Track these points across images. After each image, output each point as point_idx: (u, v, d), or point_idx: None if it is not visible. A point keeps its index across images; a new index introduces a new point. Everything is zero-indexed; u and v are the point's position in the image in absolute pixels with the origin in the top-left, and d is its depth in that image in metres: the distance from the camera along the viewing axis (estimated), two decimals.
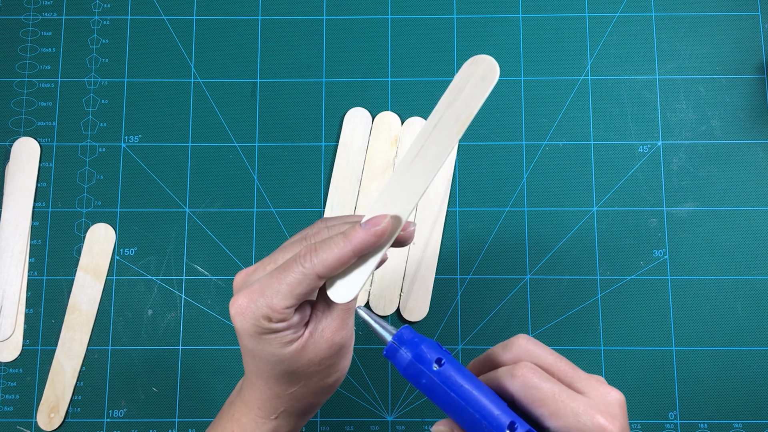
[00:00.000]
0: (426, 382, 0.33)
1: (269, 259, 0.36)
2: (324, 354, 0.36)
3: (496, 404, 0.32)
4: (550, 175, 0.58)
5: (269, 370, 0.36)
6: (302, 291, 0.34)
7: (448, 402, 0.33)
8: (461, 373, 0.33)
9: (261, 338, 0.35)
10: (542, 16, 0.60)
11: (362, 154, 0.57)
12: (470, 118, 0.34)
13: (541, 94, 0.59)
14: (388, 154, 0.57)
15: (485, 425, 0.32)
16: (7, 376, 0.55)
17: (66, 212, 0.57)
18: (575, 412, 0.32)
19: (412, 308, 0.55)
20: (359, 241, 0.34)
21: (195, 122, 0.59)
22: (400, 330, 0.35)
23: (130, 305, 0.56)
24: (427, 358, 0.33)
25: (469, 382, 0.33)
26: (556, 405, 0.33)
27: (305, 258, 0.34)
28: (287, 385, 0.37)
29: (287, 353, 0.35)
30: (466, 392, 0.33)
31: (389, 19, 0.60)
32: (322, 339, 0.36)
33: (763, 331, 0.55)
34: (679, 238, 0.56)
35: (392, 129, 0.58)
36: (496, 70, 0.34)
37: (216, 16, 0.61)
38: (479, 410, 0.32)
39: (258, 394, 0.38)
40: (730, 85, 0.59)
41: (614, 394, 0.34)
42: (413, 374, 0.34)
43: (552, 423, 0.33)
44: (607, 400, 0.33)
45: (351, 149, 0.57)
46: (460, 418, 0.33)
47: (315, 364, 0.36)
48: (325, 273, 0.34)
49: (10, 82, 0.59)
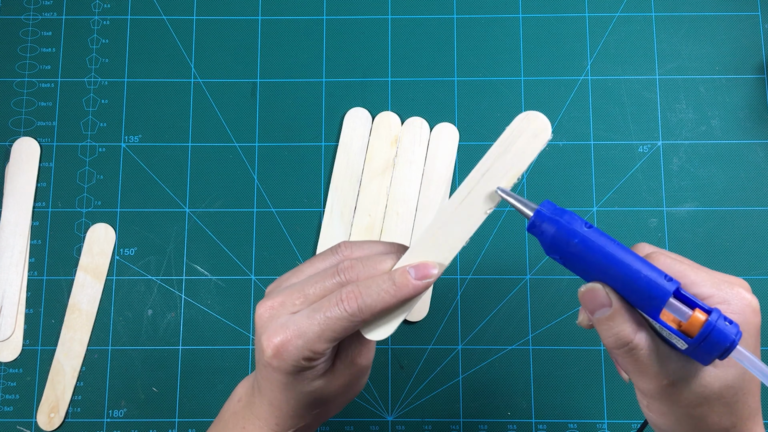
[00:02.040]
0: (578, 242, 0.32)
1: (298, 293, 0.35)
2: (350, 377, 0.36)
3: (656, 270, 0.31)
4: (550, 175, 0.58)
5: (299, 398, 0.36)
6: (345, 334, 0.34)
7: (601, 261, 0.31)
8: (610, 238, 0.32)
9: (298, 375, 0.35)
10: (542, 16, 0.60)
11: (362, 154, 0.57)
12: (520, 173, 0.34)
13: (541, 94, 0.59)
14: (388, 154, 0.57)
15: (643, 276, 0.31)
16: (7, 376, 0.55)
17: (66, 212, 0.57)
18: (718, 280, 0.32)
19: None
20: (410, 291, 0.33)
21: (195, 122, 0.59)
22: (544, 202, 0.34)
23: (130, 305, 0.56)
24: (578, 220, 0.32)
25: (621, 246, 0.32)
26: (698, 275, 0.33)
27: (350, 302, 0.33)
28: (311, 408, 0.37)
29: (319, 384, 0.35)
30: (620, 248, 0.31)
31: (389, 19, 0.60)
32: (351, 365, 0.36)
33: (763, 331, 0.55)
34: (679, 238, 0.56)
35: (392, 129, 0.58)
36: (548, 129, 0.34)
37: (216, 16, 0.61)
38: (635, 264, 0.31)
39: (277, 412, 0.37)
40: (730, 85, 0.59)
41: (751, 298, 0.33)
42: (563, 239, 0.32)
43: (695, 290, 0.32)
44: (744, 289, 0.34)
45: (351, 149, 0.57)
46: (614, 276, 0.31)
47: (342, 386, 0.37)
48: (370, 319, 0.34)
49: (10, 82, 0.59)
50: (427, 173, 0.57)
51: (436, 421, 0.54)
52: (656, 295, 0.30)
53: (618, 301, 0.32)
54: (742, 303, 0.32)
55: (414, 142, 0.57)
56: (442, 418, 0.54)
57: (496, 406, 0.54)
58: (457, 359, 0.55)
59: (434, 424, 0.54)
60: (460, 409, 0.55)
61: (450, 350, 0.55)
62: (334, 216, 0.56)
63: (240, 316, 0.56)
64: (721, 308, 0.32)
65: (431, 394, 0.55)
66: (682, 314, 0.31)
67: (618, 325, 0.32)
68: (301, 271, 0.36)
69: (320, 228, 0.57)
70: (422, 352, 0.56)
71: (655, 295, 0.31)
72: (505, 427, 0.54)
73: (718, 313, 0.30)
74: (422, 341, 0.56)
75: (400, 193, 0.56)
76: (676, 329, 0.31)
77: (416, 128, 0.57)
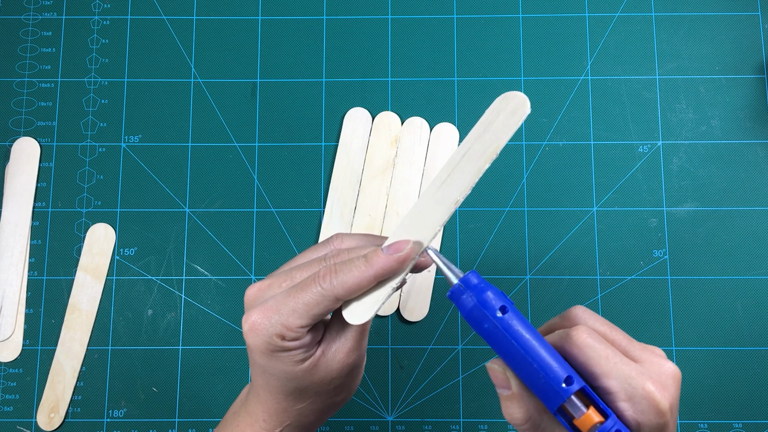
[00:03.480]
0: (488, 328, 0.33)
1: (285, 276, 0.36)
2: (335, 374, 0.36)
3: (555, 358, 0.32)
4: (550, 175, 0.58)
5: (279, 386, 0.36)
6: (319, 311, 0.34)
7: (508, 349, 0.33)
8: (523, 323, 0.33)
9: (273, 355, 0.35)
10: (542, 16, 0.60)
11: (362, 154, 0.57)
12: (499, 149, 0.34)
13: (541, 94, 0.59)
14: (388, 154, 0.57)
15: (542, 376, 0.32)
16: (7, 376, 0.55)
17: (66, 212, 0.57)
18: (627, 375, 0.32)
19: (412, 308, 0.55)
20: (381, 266, 0.33)
21: (195, 122, 0.59)
22: (468, 274, 0.34)
23: (130, 305, 0.56)
24: (491, 305, 0.33)
25: (530, 333, 0.33)
26: (608, 365, 0.32)
27: (324, 278, 0.34)
28: (295, 401, 0.37)
29: (298, 371, 0.35)
30: (527, 342, 0.32)
31: (389, 19, 0.60)
32: (334, 360, 0.36)
33: (763, 331, 0.55)
34: (679, 238, 0.56)
35: (392, 129, 0.58)
36: (526, 104, 0.34)
37: (216, 16, 0.61)
38: (538, 361, 0.32)
39: (264, 407, 0.38)
40: (730, 85, 0.59)
41: (669, 366, 0.33)
42: (476, 319, 0.33)
43: (603, 383, 0.33)
44: (661, 370, 0.33)
45: (351, 149, 0.57)
46: (518, 366, 0.33)
47: (325, 383, 0.36)
48: (344, 295, 0.33)
49: (10, 82, 0.59)
50: (427, 173, 0.57)
51: (436, 421, 0.54)
52: (552, 397, 0.32)
53: (517, 387, 0.33)
54: (646, 404, 0.32)
55: (414, 142, 0.57)
56: (442, 418, 0.54)
57: (496, 406, 0.54)
58: (457, 359, 0.55)
59: (434, 424, 0.54)
60: (460, 409, 0.55)
61: (450, 350, 0.56)
62: (334, 216, 0.56)
63: (240, 316, 0.56)
64: (625, 406, 0.32)
65: (431, 394, 0.55)
66: (576, 410, 0.31)
67: (513, 408, 0.33)
68: (295, 260, 0.37)
69: (320, 228, 0.57)
70: (422, 352, 0.56)
71: (551, 397, 0.32)
72: (505, 427, 0.54)
73: (614, 420, 0.31)
74: (422, 341, 0.56)
75: (400, 193, 0.56)
76: (569, 424, 0.32)
77: (416, 128, 0.57)
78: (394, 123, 0.58)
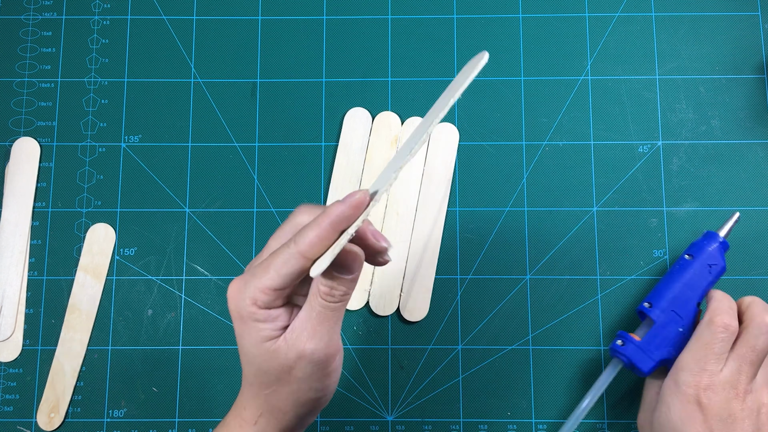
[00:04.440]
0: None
1: (265, 248, 0.39)
2: (293, 363, 0.36)
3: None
4: (550, 175, 0.58)
5: (246, 361, 0.38)
6: (288, 271, 0.35)
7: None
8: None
9: (245, 324, 0.36)
10: (542, 16, 0.60)
11: (362, 154, 0.57)
12: (455, 98, 0.34)
13: (541, 94, 0.59)
14: (388, 155, 0.57)
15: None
16: (7, 376, 0.55)
17: (66, 212, 0.57)
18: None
19: (412, 308, 0.55)
20: (336, 213, 0.34)
21: (195, 122, 0.59)
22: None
23: (130, 305, 0.56)
24: None
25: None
26: None
27: (291, 239, 0.35)
28: (261, 385, 0.38)
29: (262, 350, 0.36)
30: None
31: (389, 19, 0.60)
32: (294, 347, 0.36)
33: None
34: (679, 238, 0.56)
35: (392, 129, 0.58)
36: (485, 55, 0.35)
37: (216, 16, 0.61)
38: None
39: (243, 391, 0.39)
40: (730, 85, 0.59)
41: None
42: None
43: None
44: None
45: (351, 149, 0.57)
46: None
47: (285, 371, 0.37)
48: (308, 251, 0.35)
49: (10, 82, 0.59)
50: (427, 173, 0.57)
51: (436, 421, 0.54)
52: None
53: None
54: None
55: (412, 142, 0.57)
56: (442, 418, 0.54)
57: (496, 406, 0.54)
58: (457, 359, 0.55)
59: (434, 424, 0.54)
60: (460, 409, 0.55)
61: (450, 350, 0.56)
62: None
63: None
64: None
65: (431, 394, 0.55)
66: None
67: None
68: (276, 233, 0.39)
69: None
70: (422, 352, 0.56)
71: None
72: (505, 427, 0.54)
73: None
74: (422, 341, 0.56)
75: (400, 193, 0.56)
76: None
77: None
78: (394, 123, 0.58)
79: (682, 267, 0.50)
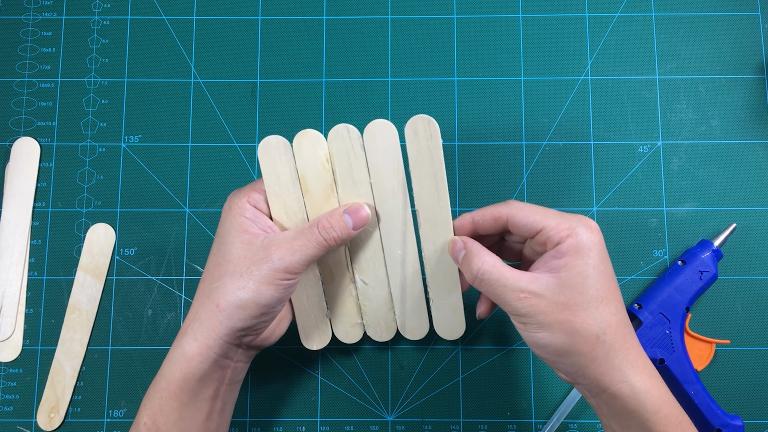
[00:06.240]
0: None
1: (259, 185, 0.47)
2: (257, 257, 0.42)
3: None
4: (550, 175, 0.58)
5: (215, 251, 0.44)
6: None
7: None
8: None
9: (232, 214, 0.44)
10: (542, 16, 0.60)
11: (295, 189, 0.47)
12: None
13: (541, 94, 0.59)
14: (324, 178, 0.47)
15: None
16: (7, 376, 0.55)
17: (66, 212, 0.57)
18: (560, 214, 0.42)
19: (412, 328, 0.51)
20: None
21: (195, 122, 0.59)
22: None
23: (130, 305, 0.56)
24: None
25: None
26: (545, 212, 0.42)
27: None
28: (213, 279, 0.43)
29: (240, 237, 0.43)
30: None
31: (389, 19, 0.60)
32: (266, 246, 0.43)
33: (763, 331, 0.55)
34: (679, 238, 0.56)
35: (318, 148, 0.46)
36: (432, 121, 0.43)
37: (216, 16, 0.61)
38: None
39: (193, 307, 0.44)
40: (730, 85, 0.59)
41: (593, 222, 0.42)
42: None
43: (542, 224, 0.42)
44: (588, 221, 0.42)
45: (280, 188, 0.46)
46: None
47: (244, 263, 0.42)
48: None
49: (10, 82, 0.59)
50: (377, 186, 0.47)
51: (436, 421, 0.54)
52: None
53: (471, 245, 0.44)
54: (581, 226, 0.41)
55: (348, 153, 0.46)
56: (442, 418, 0.54)
57: (496, 406, 0.54)
58: (457, 359, 0.55)
59: (434, 424, 0.54)
60: (460, 409, 0.55)
61: (450, 350, 0.56)
62: None
63: None
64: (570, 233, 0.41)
65: (431, 394, 0.55)
66: None
67: (468, 262, 0.43)
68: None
69: None
70: (422, 352, 0.56)
71: None
72: (505, 427, 0.54)
73: None
74: (422, 341, 0.56)
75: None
76: None
77: (344, 138, 0.46)
78: (317, 139, 0.46)
79: (674, 272, 0.53)
